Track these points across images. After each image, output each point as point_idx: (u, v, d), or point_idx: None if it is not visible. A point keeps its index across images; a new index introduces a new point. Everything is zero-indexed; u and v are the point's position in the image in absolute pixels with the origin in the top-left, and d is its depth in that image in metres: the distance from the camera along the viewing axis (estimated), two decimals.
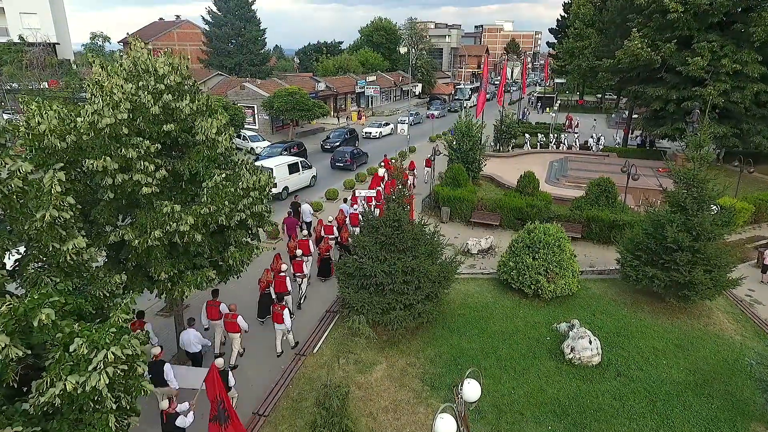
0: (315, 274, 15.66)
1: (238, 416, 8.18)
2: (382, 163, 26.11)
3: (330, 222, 16.83)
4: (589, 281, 15.47)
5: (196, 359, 10.82)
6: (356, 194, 19.77)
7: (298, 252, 14.20)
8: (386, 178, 22.15)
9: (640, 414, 9.92)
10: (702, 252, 12.77)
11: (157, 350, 9.31)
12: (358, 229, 16.02)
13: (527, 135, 37.60)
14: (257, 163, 24.08)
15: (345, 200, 19.67)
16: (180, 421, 7.89)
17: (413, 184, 25.09)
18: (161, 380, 8.98)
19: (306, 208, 18.92)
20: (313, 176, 26.85)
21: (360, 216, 15.46)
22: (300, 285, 14.24)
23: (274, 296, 12.50)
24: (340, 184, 26.42)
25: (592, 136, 38.55)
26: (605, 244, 18.21)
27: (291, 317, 11.80)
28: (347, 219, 17.77)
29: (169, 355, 11.70)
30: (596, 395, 10.42)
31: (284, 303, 11.89)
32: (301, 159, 27.00)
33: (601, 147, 36.74)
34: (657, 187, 14.84)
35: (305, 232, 18.19)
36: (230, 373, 9.27)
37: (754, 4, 25.71)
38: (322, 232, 16.53)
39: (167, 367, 9.12)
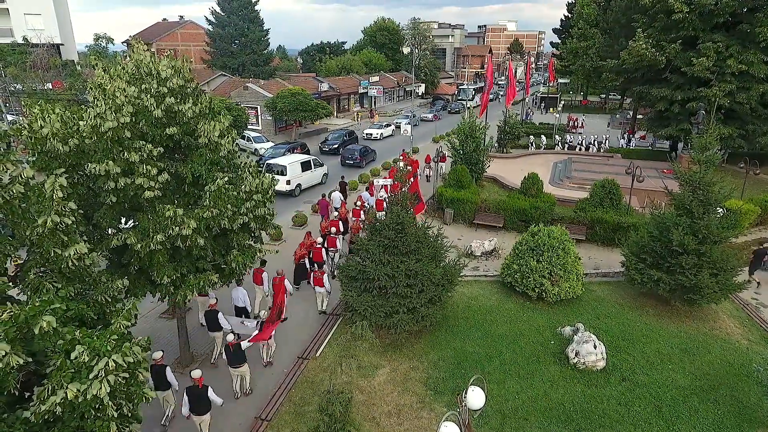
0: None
1: (271, 329, 10.86)
2: (401, 157, 27.58)
3: (357, 206, 19.06)
4: (594, 284, 15.36)
5: (242, 312, 12.63)
6: (374, 183, 21.83)
7: (332, 230, 16.20)
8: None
9: (646, 419, 9.82)
10: (708, 255, 12.66)
11: (213, 301, 11.57)
12: (382, 214, 17.58)
13: (543, 137, 37.64)
14: (271, 161, 25.12)
15: (366, 188, 22.52)
16: (244, 345, 10.35)
17: (428, 176, 26.72)
18: (216, 326, 11.37)
19: (336, 195, 20.92)
20: (325, 174, 27.36)
21: (385, 203, 17.68)
22: (332, 258, 15.88)
23: (308, 266, 14.69)
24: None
25: (624, 137, 38.79)
26: (610, 246, 18.10)
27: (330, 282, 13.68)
28: (366, 204, 19.85)
29: (171, 356, 11.71)
30: (601, 400, 10.33)
31: (324, 270, 13.79)
32: (313, 157, 27.55)
33: (632, 147, 36.95)
34: (662, 188, 14.71)
35: (336, 213, 19.43)
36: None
37: (760, 5, 25.53)
38: (351, 215, 18.60)
39: (220, 315, 11.35)
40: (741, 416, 9.95)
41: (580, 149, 36.36)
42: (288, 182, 23.99)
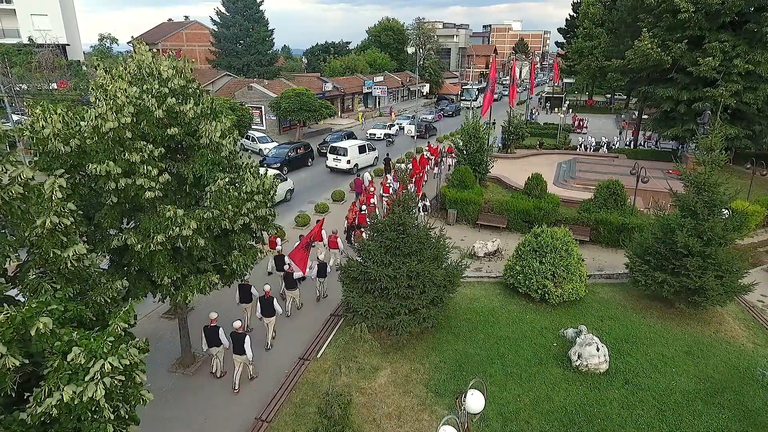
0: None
1: (308, 250, 13.62)
2: (427, 147, 32.04)
3: (388, 185, 23.12)
4: (597, 286, 15.25)
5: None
6: (397, 170, 24.64)
7: (373, 201, 20.49)
8: (431, 159, 28.93)
9: (649, 423, 9.73)
10: (713, 257, 12.52)
11: (279, 248, 14.90)
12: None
13: (593, 138, 38.09)
14: (335, 144, 31.16)
15: (389, 172, 26.63)
16: (296, 275, 13.56)
17: (450, 166, 28.96)
18: (282, 266, 14.15)
19: (366, 175, 25.36)
20: (375, 157, 32.52)
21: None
22: None
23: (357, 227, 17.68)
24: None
25: (650, 138, 38.69)
26: (614, 248, 17.97)
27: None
28: (390, 186, 23.10)
29: (172, 357, 11.73)
30: (604, 404, 10.25)
31: (362, 230, 15.99)
32: (368, 142, 32.97)
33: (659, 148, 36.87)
34: (667, 189, 14.59)
35: (372, 189, 22.68)
36: (328, 266, 14.66)
37: (767, 4, 25.27)
38: (381, 191, 23.13)
39: (286, 257, 13.98)
40: (745, 420, 9.84)
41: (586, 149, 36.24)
42: (348, 161, 30.02)
